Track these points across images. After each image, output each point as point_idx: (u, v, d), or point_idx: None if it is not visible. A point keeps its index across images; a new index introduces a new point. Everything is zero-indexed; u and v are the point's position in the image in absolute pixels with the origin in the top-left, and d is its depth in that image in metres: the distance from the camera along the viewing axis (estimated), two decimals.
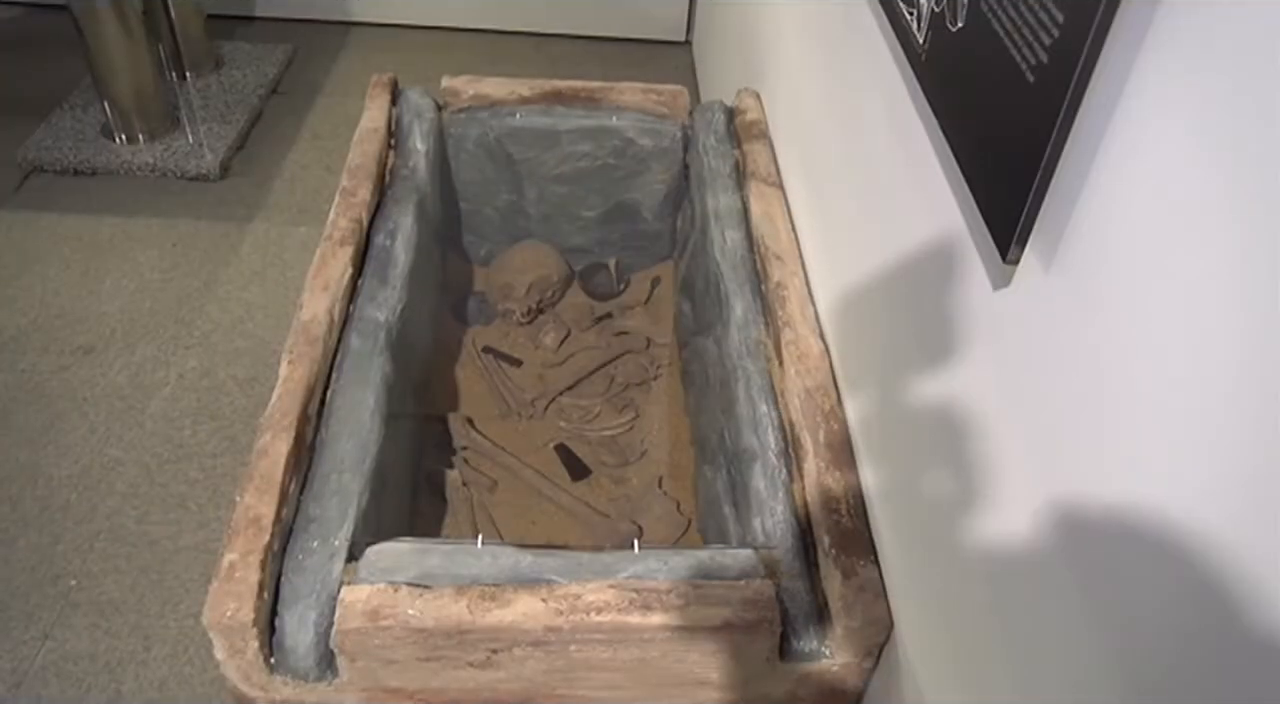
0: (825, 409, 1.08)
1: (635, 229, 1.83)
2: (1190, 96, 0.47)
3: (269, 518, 0.94)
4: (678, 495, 1.49)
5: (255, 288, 1.94)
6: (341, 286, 1.23)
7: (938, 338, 0.81)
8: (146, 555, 1.44)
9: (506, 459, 1.53)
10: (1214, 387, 0.45)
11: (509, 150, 1.67)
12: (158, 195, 2.18)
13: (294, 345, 1.13)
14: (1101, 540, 0.55)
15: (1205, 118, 0.46)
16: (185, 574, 1.42)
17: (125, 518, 1.49)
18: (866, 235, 1.04)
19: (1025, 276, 0.65)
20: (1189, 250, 0.47)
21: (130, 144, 2.26)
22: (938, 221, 0.81)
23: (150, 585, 1.41)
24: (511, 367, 1.72)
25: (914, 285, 0.88)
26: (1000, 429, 0.70)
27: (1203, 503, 0.46)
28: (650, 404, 1.66)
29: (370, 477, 1.05)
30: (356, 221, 1.34)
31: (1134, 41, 0.51)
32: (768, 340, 1.22)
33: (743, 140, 1.54)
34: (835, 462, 1.03)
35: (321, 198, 2.18)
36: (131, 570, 1.42)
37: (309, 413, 1.07)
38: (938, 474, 0.81)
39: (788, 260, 1.28)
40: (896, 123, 0.94)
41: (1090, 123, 0.55)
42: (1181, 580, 0.47)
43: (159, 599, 1.39)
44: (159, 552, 1.45)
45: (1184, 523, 0.47)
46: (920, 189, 0.86)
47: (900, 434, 0.92)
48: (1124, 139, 0.53)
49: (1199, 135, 0.46)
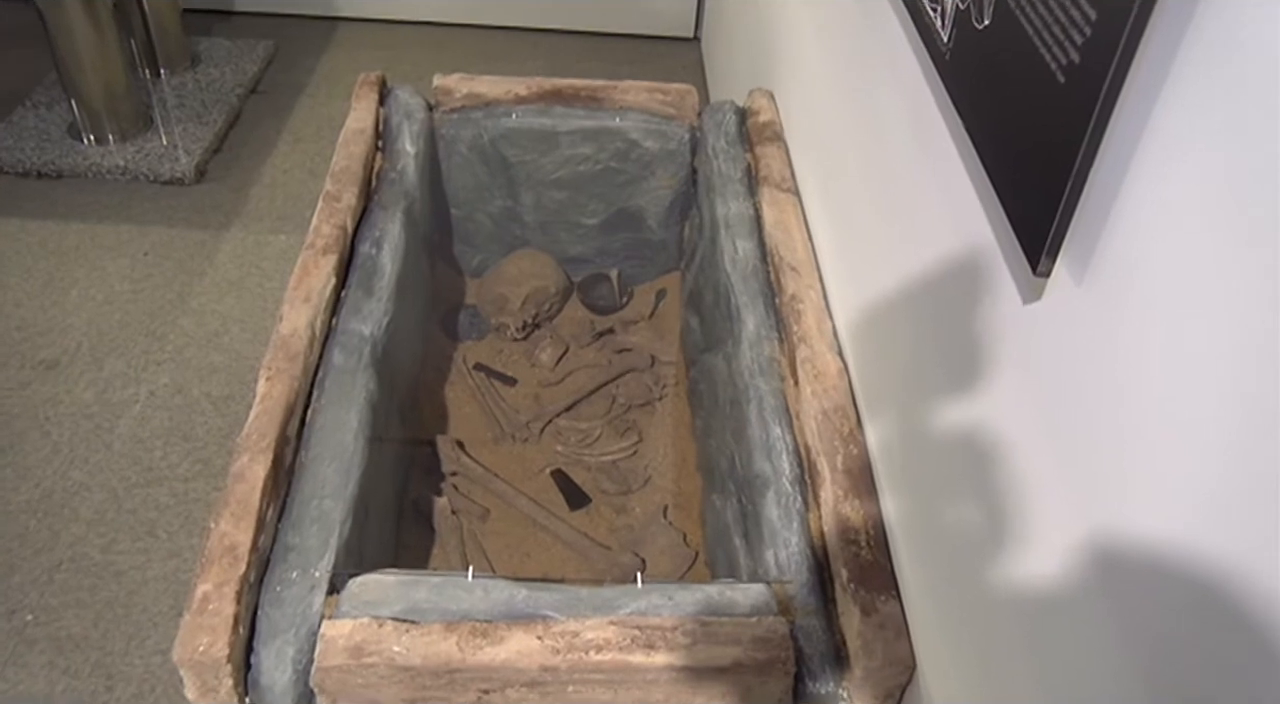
0: (844, 432, 1.08)
1: (639, 238, 1.83)
2: (1235, 96, 0.48)
3: (245, 546, 0.94)
4: (684, 526, 1.48)
5: (232, 299, 1.95)
6: (324, 298, 1.24)
7: (963, 355, 0.81)
8: (112, 587, 1.45)
9: (499, 486, 1.52)
10: (1264, 409, 0.46)
11: (504, 153, 1.68)
12: (129, 200, 2.20)
13: (273, 361, 1.13)
14: (1144, 575, 0.55)
15: (1250, 118, 0.47)
16: (154, 607, 1.42)
17: (89, 547, 1.50)
18: (887, 245, 1.04)
19: (1056, 290, 0.65)
20: (1234, 262, 0.48)
21: (99, 145, 2.28)
22: (963, 230, 0.82)
23: (115, 620, 1.41)
24: (505, 386, 1.72)
25: (938, 298, 0.88)
26: (1031, 454, 0.70)
27: (1256, 535, 0.46)
28: (654, 427, 1.66)
29: (353, 503, 1.05)
30: (340, 229, 1.34)
31: (1172, 39, 0.52)
32: (782, 358, 1.22)
33: (755, 143, 1.55)
34: (854, 489, 1.02)
35: (303, 204, 2.20)
36: (95, 603, 1.42)
37: (288, 434, 1.07)
38: (964, 503, 0.81)
39: (803, 272, 1.28)
40: (919, 125, 0.94)
41: (1125, 125, 0.56)
42: (1232, 621, 0.47)
43: (124, 634, 1.39)
44: (125, 583, 1.45)
45: (1234, 557, 0.48)
46: (945, 195, 0.86)
47: (924, 459, 0.91)
48: (1162, 142, 0.53)
49: (1243, 135, 0.47)
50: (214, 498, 1.56)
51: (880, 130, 1.08)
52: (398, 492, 1.42)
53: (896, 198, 1.02)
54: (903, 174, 1.00)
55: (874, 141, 1.11)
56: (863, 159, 1.15)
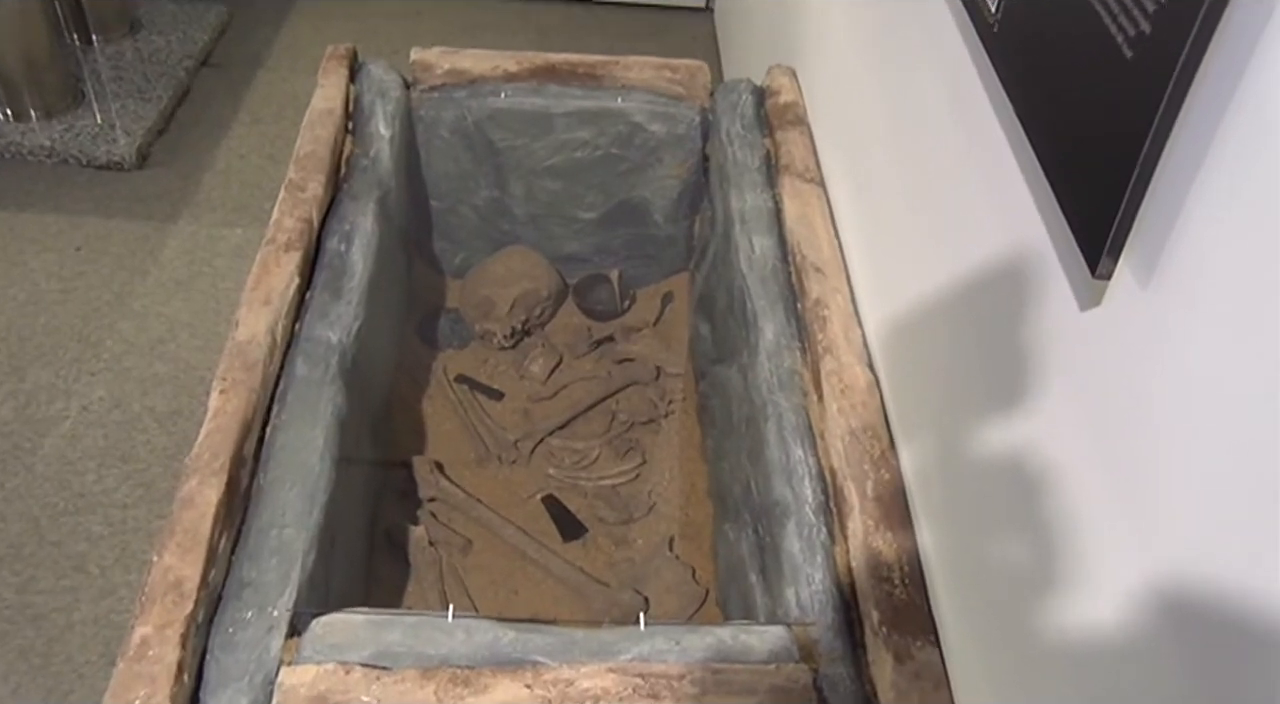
0: (874, 455, 1.08)
1: (643, 234, 1.84)
2: None
3: (193, 582, 0.93)
4: (692, 559, 1.48)
5: (180, 301, 1.95)
6: (286, 301, 1.24)
7: (1011, 368, 0.81)
8: (28, 633, 1.43)
9: (483, 513, 1.52)
10: None
11: (491, 137, 1.68)
12: (57, 186, 2.19)
13: (227, 372, 1.13)
14: (1219, 624, 0.54)
15: None
16: (80, 655, 1.41)
17: (2, 587, 1.48)
18: (925, 243, 1.04)
19: (1118, 294, 0.65)
20: None
21: (19, 121, 2.25)
22: (1012, 227, 0.82)
23: (31, 671, 1.38)
24: (491, 400, 1.72)
25: (982, 304, 0.88)
26: (1089, 482, 0.69)
27: None
28: (659, 447, 1.65)
29: (318, 533, 1.05)
30: (305, 222, 1.34)
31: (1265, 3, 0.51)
32: (804, 370, 1.22)
33: (775, 127, 1.55)
34: (886, 519, 1.02)
35: (262, 193, 2.21)
36: (6, 653, 1.40)
37: (244, 454, 1.07)
38: (1012, 536, 0.81)
39: (829, 273, 1.28)
40: (962, 107, 0.94)
41: (1203, 106, 0.55)
42: None
43: (42, 687, 1.37)
44: (46, 628, 1.43)
45: None
46: (991, 187, 0.86)
47: (966, 486, 0.91)
48: (1249, 123, 0.53)
49: None
50: (157, 527, 1.55)
51: (918, 113, 1.08)
52: (368, 520, 1.41)
53: (935, 190, 1.02)
54: (943, 163, 1.00)
55: (910, 126, 1.11)
56: (897, 146, 1.15)
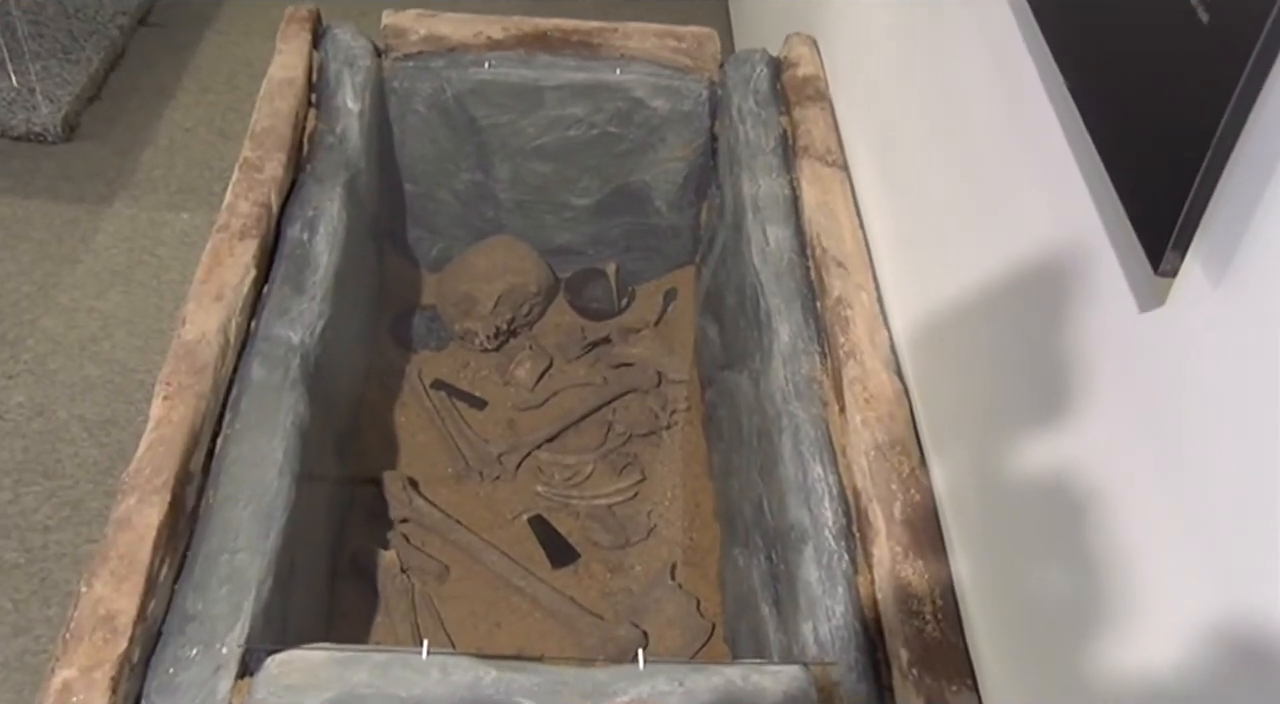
0: (903, 473, 1.08)
1: (643, 223, 1.83)
2: None
3: (128, 616, 0.92)
4: (697, 589, 1.48)
5: (116, 295, 1.94)
6: (241, 296, 1.23)
7: (1059, 376, 0.81)
8: None
9: (462, 536, 1.52)
10: None
11: (473, 113, 1.68)
12: None
13: (172, 375, 1.13)
14: None
15: None
16: None
17: None
18: (962, 234, 1.04)
19: (1185, 294, 0.64)
20: None
21: None
22: (1061, 216, 0.81)
23: None
24: (472, 409, 1.71)
25: (1027, 304, 0.88)
26: (1148, 506, 0.69)
27: None
28: (661, 463, 1.65)
29: (274, 558, 1.04)
30: (263, 207, 1.34)
31: None
32: (824, 377, 1.22)
33: (793, 103, 1.55)
34: (916, 545, 1.02)
35: (213, 173, 2.19)
36: None
37: (191, 469, 1.07)
38: (1060, 566, 0.80)
39: (853, 268, 1.28)
40: (1006, 80, 0.94)
41: None
42: None
43: None
44: None
45: None
46: (1038, 171, 0.86)
47: (1007, 509, 0.91)
48: None
49: None
50: (86, 553, 1.54)
51: (955, 87, 1.08)
52: (332, 544, 1.41)
53: (974, 174, 1.01)
54: (983, 144, 0.99)
55: (947, 102, 1.10)
56: (931, 124, 1.15)
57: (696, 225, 1.82)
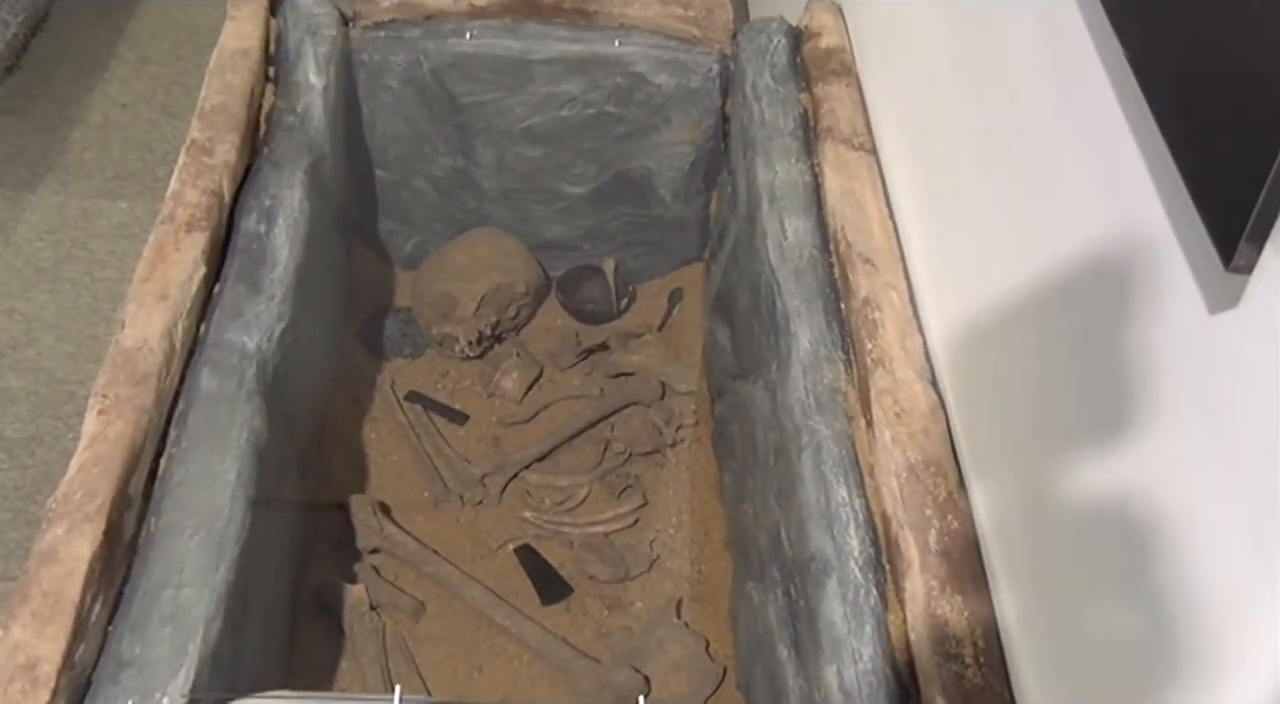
0: (939, 496, 1.07)
1: (645, 215, 1.83)
2: None
3: (52, 663, 0.92)
4: (706, 628, 1.47)
5: (41, 294, 1.93)
6: (189, 296, 1.23)
7: (1118, 386, 0.80)
8: None
9: (440, 569, 1.51)
10: None
11: (453, 90, 1.68)
12: None
13: (109, 386, 1.13)
14: None
15: None
16: None
17: None
18: (1006, 226, 1.04)
19: (1262, 292, 0.64)
20: None
21: None
22: (1120, 204, 0.81)
23: None
24: (451, 425, 1.71)
25: (1080, 304, 0.88)
26: (1224, 536, 0.68)
27: None
28: (664, 485, 1.65)
29: (226, 594, 1.04)
30: (214, 195, 1.34)
31: None
32: (849, 388, 1.22)
33: (814, 79, 1.55)
34: (954, 579, 1.02)
35: (155, 156, 2.19)
36: None
37: (130, 493, 1.06)
38: (1121, 604, 0.80)
39: (882, 266, 1.28)
40: (1058, 51, 0.94)
41: None
42: None
43: None
44: None
45: None
46: (1092, 154, 0.86)
47: (1059, 538, 0.91)
48: None
49: None
50: (3, 592, 1.52)
51: (1001, 60, 1.08)
52: (292, 577, 1.40)
53: (1021, 158, 1.01)
54: (1031, 123, 0.99)
55: (991, 77, 1.10)
56: (973, 103, 1.15)
57: (705, 217, 1.82)
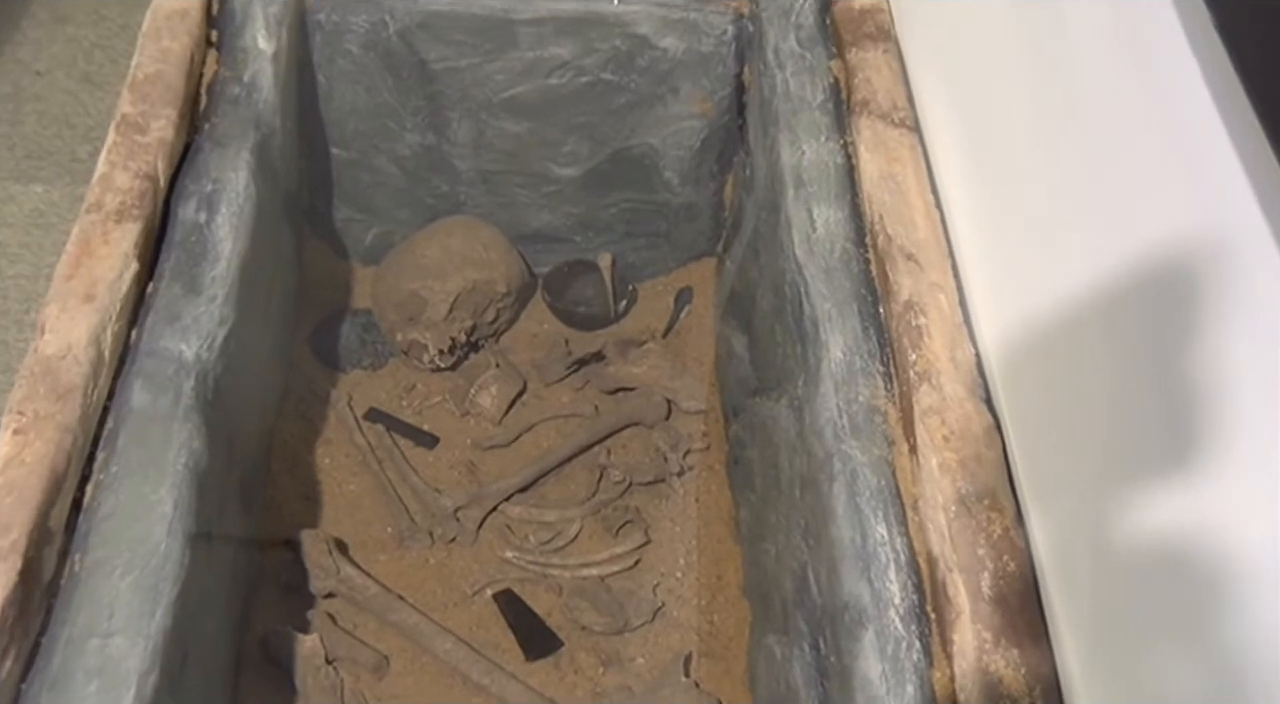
0: (993, 534, 1.08)
1: (648, 201, 1.84)
2: None
3: None
4: (719, 688, 1.48)
5: None
6: (119, 297, 1.23)
7: (1201, 408, 0.81)
8: None
9: (406, 617, 1.52)
10: None
11: (423, 55, 1.69)
12: None
13: (26, 401, 1.13)
14: None
15: None
16: None
17: None
18: (1074, 219, 1.04)
19: None
20: None
21: None
22: (1205, 196, 0.81)
23: None
24: (419, 448, 1.71)
25: (1160, 311, 0.88)
26: None
27: None
28: (670, 521, 1.65)
29: (162, 643, 1.04)
30: (148, 180, 1.34)
31: None
32: (890, 407, 1.22)
33: (847, 44, 1.55)
34: (1010, 630, 1.02)
35: (76, 133, 2.20)
36: None
37: (50, 526, 1.06)
38: (1204, 659, 0.80)
39: (927, 263, 1.29)
40: (1132, 15, 0.94)
41: None
42: None
43: None
44: None
45: None
46: (1174, 138, 0.86)
47: (1134, 583, 0.91)
48: None
49: None
50: None
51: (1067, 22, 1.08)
52: (236, 625, 1.40)
53: (1091, 141, 1.02)
54: (1103, 100, 1.00)
55: (1054, 45, 1.11)
56: (1035, 75, 1.15)
57: (719, 205, 1.83)
